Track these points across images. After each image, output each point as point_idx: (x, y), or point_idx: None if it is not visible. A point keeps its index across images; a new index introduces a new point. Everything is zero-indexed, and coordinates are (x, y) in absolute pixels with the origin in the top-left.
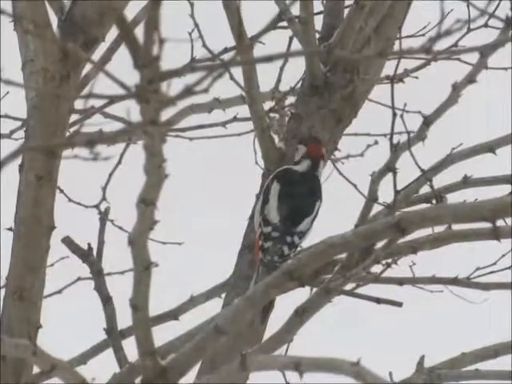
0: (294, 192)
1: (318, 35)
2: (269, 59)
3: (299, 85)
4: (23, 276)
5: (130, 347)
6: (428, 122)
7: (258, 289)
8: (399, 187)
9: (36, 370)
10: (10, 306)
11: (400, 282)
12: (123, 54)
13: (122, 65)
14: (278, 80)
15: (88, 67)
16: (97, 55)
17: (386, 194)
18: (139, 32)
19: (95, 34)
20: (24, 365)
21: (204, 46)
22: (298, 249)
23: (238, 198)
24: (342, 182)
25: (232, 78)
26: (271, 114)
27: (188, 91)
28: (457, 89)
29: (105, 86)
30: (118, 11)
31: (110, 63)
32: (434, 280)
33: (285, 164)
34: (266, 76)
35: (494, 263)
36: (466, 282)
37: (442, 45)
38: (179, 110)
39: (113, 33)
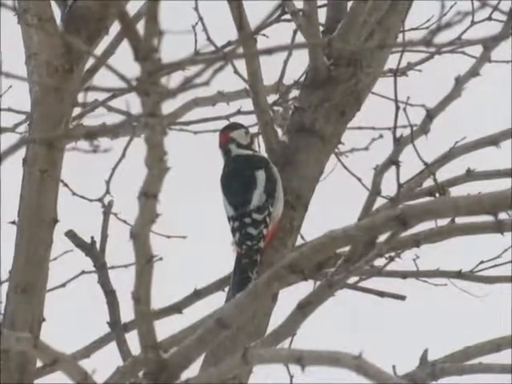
0: (229, 181)
1: (321, 28)
2: (268, 52)
3: (303, 78)
4: (26, 270)
5: (134, 340)
6: (431, 115)
7: (260, 282)
8: (402, 180)
9: (39, 363)
10: (13, 300)
11: (404, 275)
12: (127, 47)
13: (126, 58)
14: (282, 73)
15: (91, 60)
16: (100, 48)
17: (389, 187)
18: (141, 25)
19: (98, 27)
20: (27, 358)
21: (208, 39)
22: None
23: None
24: (346, 176)
25: (236, 71)
26: (275, 107)
27: (188, 84)
28: (460, 82)
29: (108, 80)
30: (119, 5)
31: (114, 56)
32: (437, 273)
33: (288, 157)
34: (269, 69)
35: (498, 257)
36: (470, 276)
37: (445, 37)
38: (183, 103)
39: (116, 26)
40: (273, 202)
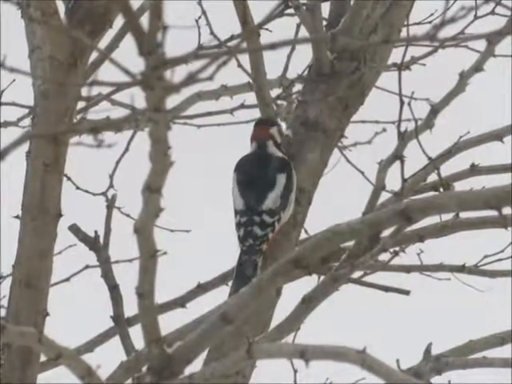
0: (249, 174)
1: (325, 22)
2: (272, 47)
3: (306, 72)
4: (30, 264)
5: (137, 335)
6: (435, 110)
7: (264, 277)
8: (407, 175)
9: (43, 358)
10: (17, 294)
11: (408, 269)
12: (131, 41)
13: (130, 52)
14: (286, 67)
15: (95, 54)
16: (104, 42)
17: (393, 182)
18: (145, 19)
19: (102, 21)
20: (31, 353)
21: (211, 33)
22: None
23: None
24: (349, 170)
25: (239, 65)
26: (278, 101)
27: (192, 78)
28: (464, 77)
29: (111, 73)
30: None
31: (118, 50)
32: (441, 268)
33: (291, 151)
34: (273, 63)
35: (502, 251)
36: (474, 270)
37: (448, 32)
38: (186, 97)
39: (120, 19)
40: (285, 207)
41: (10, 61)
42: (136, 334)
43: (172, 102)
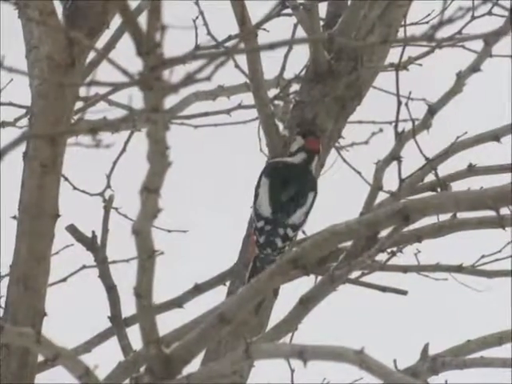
0: (285, 184)
1: (322, 23)
2: (271, 47)
3: (303, 72)
4: (28, 264)
5: (135, 335)
6: (432, 110)
7: (262, 277)
8: (404, 175)
9: (40, 358)
10: (14, 295)
11: (405, 269)
12: (128, 41)
13: (128, 51)
14: (283, 67)
15: (93, 54)
16: (102, 42)
17: (391, 182)
18: (143, 19)
19: (100, 21)
20: (29, 353)
21: (208, 33)
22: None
23: (242, 185)
24: (346, 170)
25: (237, 65)
26: (276, 102)
27: (190, 79)
28: (461, 78)
29: (109, 73)
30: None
31: (115, 50)
32: (438, 268)
33: (288, 151)
34: (270, 63)
35: (499, 251)
36: (471, 270)
37: (446, 32)
38: (184, 97)
39: (117, 19)
40: (304, 224)
41: (7, 61)
42: (134, 335)
43: (169, 102)
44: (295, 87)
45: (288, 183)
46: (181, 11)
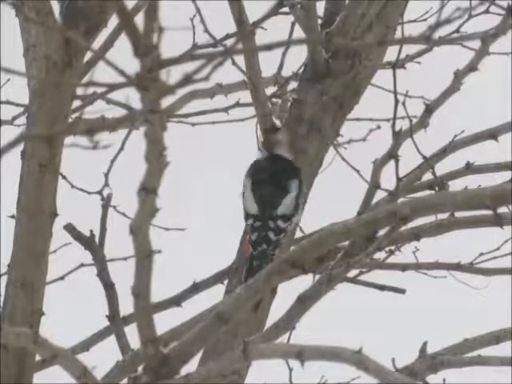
0: (263, 179)
1: (320, 21)
2: (268, 48)
3: (301, 70)
4: (26, 263)
5: (133, 334)
6: (430, 109)
7: (259, 276)
8: (402, 174)
9: (39, 357)
10: (12, 294)
11: (403, 267)
12: (126, 40)
13: (125, 51)
14: (281, 65)
15: (90, 53)
16: (100, 41)
17: (388, 180)
18: (140, 20)
19: (97, 21)
20: (27, 353)
21: (206, 31)
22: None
23: (240, 183)
24: (344, 167)
25: (234, 63)
26: (273, 100)
27: (187, 80)
28: (458, 76)
29: (107, 73)
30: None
31: (113, 49)
32: (437, 265)
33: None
34: (268, 61)
35: (497, 249)
36: (469, 268)
37: (444, 30)
38: (181, 95)
39: (115, 18)
40: (296, 213)
41: (4, 59)
42: (132, 333)
43: (167, 100)
44: (293, 85)
45: (266, 178)
46: (178, 9)
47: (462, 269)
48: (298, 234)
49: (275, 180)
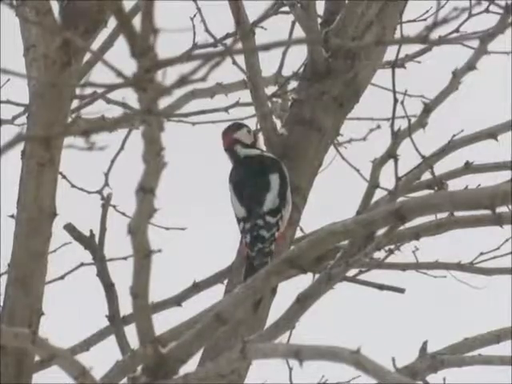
0: (243, 181)
1: (320, 20)
2: (266, 48)
3: (301, 70)
4: (25, 263)
5: (133, 334)
6: (428, 109)
7: (258, 276)
8: (401, 173)
9: (37, 358)
10: (12, 294)
11: (403, 267)
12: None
13: (125, 51)
14: (281, 64)
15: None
16: (99, 40)
17: (388, 179)
18: (138, 21)
19: (96, 20)
20: (25, 353)
21: (206, 30)
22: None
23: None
24: (345, 166)
25: (234, 62)
26: (274, 99)
27: (184, 80)
28: (457, 76)
29: (107, 72)
30: (116, 2)
31: (114, 48)
32: (437, 265)
33: (287, 149)
34: (268, 61)
35: (497, 248)
36: (470, 267)
37: (443, 30)
38: (181, 95)
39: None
40: (285, 204)
41: (5, 59)
42: (132, 333)
43: (167, 100)
44: (293, 84)
45: (244, 180)
46: (179, 9)
47: (462, 268)
48: (299, 234)
49: (255, 178)
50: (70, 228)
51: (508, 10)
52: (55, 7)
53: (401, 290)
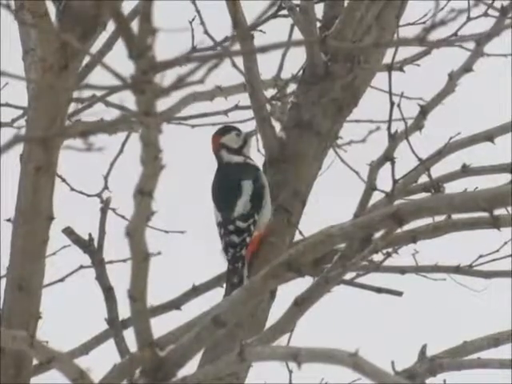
0: (218, 188)
1: (319, 24)
2: (263, 50)
3: (300, 73)
4: (23, 266)
5: (132, 337)
6: (425, 111)
7: (256, 279)
8: (398, 176)
9: (36, 361)
10: (10, 297)
11: (402, 270)
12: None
13: (124, 55)
14: (280, 67)
15: (87, 56)
16: (99, 43)
17: (385, 182)
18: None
19: (93, 24)
20: (24, 355)
21: (206, 32)
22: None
23: None
24: (344, 169)
25: (234, 65)
26: (273, 102)
27: (181, 82)
28: (453, 78)
29: (106, 75)
30: (113, 4)
31: (114, 51)
32: (436, 268)
33: (285, 152)
34: (267, 64)
35: (496, 251)
36: (469, 270)
37: (442, 33)
38: (181, 98)
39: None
40: (259, 210)
41: (4, 62)
42: (131, 337)
43: (166, 102)
44: (292, 87)
45: (220, 186)
46: (178, 11)
47: (461, 271)
48: (298, 237)
49: (228, 184)
50: (69, 232)
51: (504, 12)
52: (52, 10)
53: (398, 293)
